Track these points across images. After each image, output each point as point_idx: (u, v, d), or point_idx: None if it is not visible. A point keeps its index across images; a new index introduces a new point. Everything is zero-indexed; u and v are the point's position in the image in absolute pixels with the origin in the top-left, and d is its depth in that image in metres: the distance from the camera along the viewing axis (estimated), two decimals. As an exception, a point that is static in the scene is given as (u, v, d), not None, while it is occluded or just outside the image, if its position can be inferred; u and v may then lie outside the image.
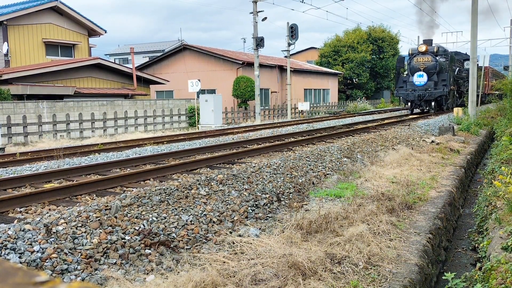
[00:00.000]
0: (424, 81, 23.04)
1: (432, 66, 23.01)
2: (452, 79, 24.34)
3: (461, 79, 27.30)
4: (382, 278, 3.56)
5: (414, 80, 23.28)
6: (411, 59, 23.74)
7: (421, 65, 23.25)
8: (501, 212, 5.68)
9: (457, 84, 26.35)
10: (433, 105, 23.25)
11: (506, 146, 11.72)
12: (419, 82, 23.16)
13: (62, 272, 3.36)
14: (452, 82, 24.18)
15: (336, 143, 10.73)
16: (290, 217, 4.98)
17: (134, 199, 4.81)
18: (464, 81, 27.63)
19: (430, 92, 22.71)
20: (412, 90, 23.12)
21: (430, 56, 23.11)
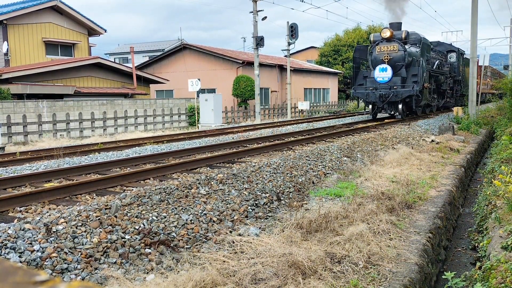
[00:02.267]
0: (388, 77, 17.61)
1: (399, 57, 17.60)
2: (428, 75, 18.77)
3: (442, 75, 21.55)
4: (382, 277, 3.56)
5: (376, 75, 17.77)
6: (373, 48, 18.32)
7: (385, 56, 17.76)
8: (501, 211, 5.68)
9: (436, 81, 20.82)
10: (400, 108, 17.59)
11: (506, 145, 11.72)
12: (382, 78, 17.75)
13: (62, 271, 3.36)
14: (427, 78, 18.68)
15: (336, 142, 10.73)
16: (290, 217, 4.98)
17: (134, 198, 4.81)
18: (447, 77, 22.74)
19: (395, 91, 17.26)
20: (373, 88, 17.82)
21: (397, 44, 17.70)
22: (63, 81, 22.17)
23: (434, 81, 20.50)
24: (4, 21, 22.72)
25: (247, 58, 29.69)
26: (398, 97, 17.36)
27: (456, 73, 24.72)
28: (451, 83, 23.82)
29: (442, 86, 22.15)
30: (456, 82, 25.16)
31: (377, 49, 18.16)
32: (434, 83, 20.49)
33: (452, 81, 24.04)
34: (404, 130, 14.40)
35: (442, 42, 25.60)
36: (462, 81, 26.07)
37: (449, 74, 23.33)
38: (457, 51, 25.25)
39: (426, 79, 18.55)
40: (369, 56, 18.53)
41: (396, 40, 17.90)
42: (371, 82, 18.11)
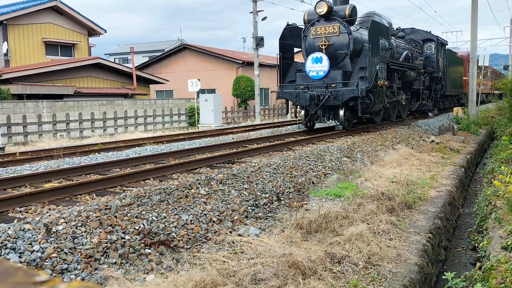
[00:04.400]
0: (323, 70, 12.62)
1: (341, 43, 12.73)
2: (385, 69, 13.93)
3: (412, 69, 16.67)
4: (382, 277, 3.56)
5: (307, 67, 12.96)
6: (307, 30, 13.32)
7: (322, 41, 12.78)
8: (501, 211, 5.68)
9: (403, 77, 15.98)
10: (341, 115, 12.63)
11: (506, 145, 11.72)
12: (316, 73, 12.80)
13: (62, 271, 3.36)
14: (384, 73, 13.81)
15: (336, 142, 10.73)
16: (290, 217, 4.98)
17: (134, 198, 4.81)
18: (420, 73, 17.78)
19: (334, 90, 12.37)
20: (304, 87, 12.91)
21: (338, 24, 12.73)
22: (63, 81, 22.17)
23: (400, 77, 15.79)
24: (4, 21, 22.72)
25: (247, 58, 29.69)
26: (338, 99, 12.25)
27: (435, 68, 19.65)
28: (427, 81, 18.78)
29: (414, 84, 17.41)
30: (435, 80, 20.19)
31: (312, 32, 13.09)
32: (398, 80, 15.63)
33: (428, 78, 18.96)
34: (404, 130, 14.40)
35: (417, 29, 20.40)
36: (443, 78, 21.23)
37: (423, 69, 18.32)
38: (436, 40, 19.82)
39: (383, 74, 13.66)
40: (303, 41, 13.51)
41: (337, 18, 12.82)
42: (302, 78, 13.27)
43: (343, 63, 12.96)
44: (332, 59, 12.82)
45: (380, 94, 13.54)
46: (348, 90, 12.34)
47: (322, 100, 12.35)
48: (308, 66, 13.01)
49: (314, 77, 12.93)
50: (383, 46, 14.05)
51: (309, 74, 12.99)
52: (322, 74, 12.79)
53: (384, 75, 13.88)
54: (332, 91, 12.40)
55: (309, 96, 12.40)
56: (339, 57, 12.95)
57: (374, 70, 12.82)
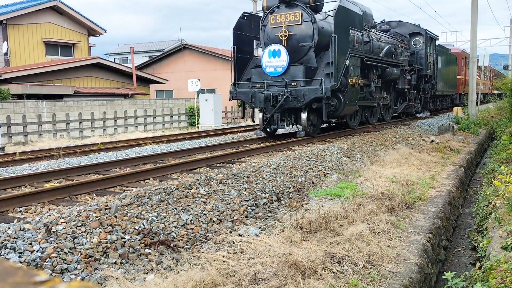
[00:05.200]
0: (282, 66, 10.95)
1: (305, 34, 11.02)
2: (358, 65, 11.97)
3: (395, 66, 14.78)
4: (382, 277, 3.56)
5: (264, 62, 11.25)
6: (265, 18, 11.61)
7: (282, 32, 11.05)
8: (501, 211, 5.69)
9: (383, 75, 14.06)
10: (304, 119, 10.86)
11: (506, 145, 11.73)
12: (273, 69, 11.10)
13: (62, 271, 3.36)
14: (357, 70, 11.85)
15: (336, 142, 10.73)
16: (290, 217, 4.98)
17: (134, 198, 4.81)
18: (405, 71, 15.90)
19: (294, 90, 10.65)
20: (260, 85, 11.18)
21: (301, 10, 11.00)
22: (63, 81, 22.17)
23: (380, 75, 13.91)
24: (4, 21, 22.72)
25: (247, 58, 29.66)
26: (299, 100, 10.48)
27: (423, 65, 17.84)
28: (413, 80, 16.92)
29: (398, 83, 15.53)
30: (423, 79, 18.35)
31: (271, 20, 11.25)
32: (377, 78, 13.72)
33: (415, 76, 17.10)
34: (404, 130, 14.41)
35: (404, 22, 18.46)
36: (433, 77, 19.30)
37: (409, 66, 16.39)
38: (425, 34, 17.88)
39: (356, 71, 11.72)
40: (261, 32, 11.66)
41: (300, 4, 11.01)
42: (258, 75, 11.42)
43: (307, 57, 11.09)
44: (293, 53, 11.01)
45: (352, 94, 11.55)
46: (311, 89, 10.49)
47: (280, 101, 10.52)
48: (265, 61, 11.16)
49: (271, 74, 11.15)
50: (356, 38, 11.93)
51: (266, 71, 11.17)
52: (281, 70, 10.95)
53: (357, 72, 11.81)
54: (292, 91, 10.58)
55: (264, 97, 10.59)
56: (302, 50, 11.06)
57: (342, 66, 10.89)
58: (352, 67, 11.52)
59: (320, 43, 11.06)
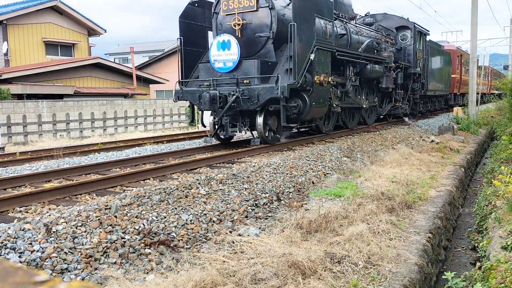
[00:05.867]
0: (233, 60, 9.47)
1: (260, 23, 9.55)
2: (329, 60, 10.49)
3: (377, 63, 13.36)
4: (382, 277, 3.56)
5: (212, 56, 9.76)
6: (217, 5, 10.16)
7: (234, 20, 9.59)
8: (501, 211, 5.69)
9: (363, 73, 12.70)
10: (259, 123, 9.25)
11: (506, 145, 11.73)
12: (223, 63, 9.63)
13: (62, 271, 3.36)
14: (328, 67, 10.44)
15: (336, 142, 10.73)
16: (290, 217, 4.98)
17: (134, 198, 4.81)
18: (389, 68, 14.43)
19: (247, 89, 9.17)
20: (208, 84, 9.70)
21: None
22: (63, 81, 22.17)
23: (357, 73, 12.47)
24: (4, 21, 22.72)
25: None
26: (252, 101, 8.91)
27: (411, 62, 16.32)
28: (400, 78, 15.39)
29: (382, 82, 14.19)
30: (412, 77, 16.78)
31: (223, 7, 9.77)
32: (354, 76, 12.26)
33: (401, 74, 15.56)
34: (404, 130, 14.41)
35: (390, 15, 17.00)
36: (423, 75, 17.72)
37: (394, 63, 14.87)
38: (413, 28, 16.39)
39: (325, 67, 10.19)
40: (213, 21, 10.14)
41: None
42: (207, 71, 9.88)
43: (265, 50, 9.52)
44: (249, 45, 9.49)
45: (320, 94, 10.07)
46: (266, 88, 8.84)
47: (229, 103, 8.89)
48: (213, 54, 9.54)
49: (221, 70, 9.56)
50: (326, 29, 10.41)
51: (214, 66, 9.60)
52: (231, 65, 9.35)
53: (327, 68, 10.33)
54: (244, 90, 8.97)
55: (210, 97, 8.97)
56: (258, 42, 9.49)
57: (305, 61, 9.35)
58: (319, 63, 9.97)
59: (280, 33, 9.27)
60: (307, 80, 9.60)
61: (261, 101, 8.98)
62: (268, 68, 9.46)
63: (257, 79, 9.28)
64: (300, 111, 9.72)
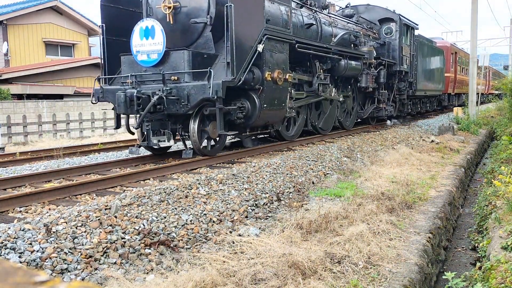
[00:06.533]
0: (157, 51, 7.70)
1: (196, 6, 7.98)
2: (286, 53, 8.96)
3: (357, 59, 12.08)
4: (382, 277, 3.56)
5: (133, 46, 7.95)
6: None
7: (164, 2, 7.95)
8: (501, 211, 5.69)
9: (336, 70, 11.29)
10: (193, 130, 7.56)
11: (506, 145, 11.73)
12: (146, 55, 7.85)
13: (62, 271, 3.36)
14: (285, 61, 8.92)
15: (336, 142, 10.73)
16: (290, 217, 4.98)
17: (134, 198, 4.81)
18: (369, 65, 12.97)
19: (176, 87, 7.41)
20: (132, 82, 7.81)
21: None
22: (63, 81, 22.18)
23: (329, 69, 11.05)
24: (4, 21, 22.72)
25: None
26: (182, 103, 7.32)
27: (396, 59, 14.84)
28: (382, 77, 13.87)
29: (360, 81, 12.75)
30: (397, 76, 15.24)
31: None
32: (325, 72, 10.83)
33: (385, 72, 14.03)
34: (404, 130, 14.41)
35: (373, 6, 15.44)
36: (411, 74, 16.18)
37: (375, 59, 13.31)
38: (398, 20, 14.93)
39: (279, 61, 8.60)
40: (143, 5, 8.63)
41: None
42: (129, 64, 8.19)
43: (202, 39, 7.90)
44: (184, 34, 7.95)
45: (275, 94, 8.46)
46: (197, 86, 7.21)
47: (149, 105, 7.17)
48: (135, 44, 7.85)
49: (145, 64, 7.83)
50: (285, 16, 8.87)
51: (137, 58, 7.89)
52: (156, 58, 7.67)
53: (284, 63, 8.76)
54: (172, 89, 7.34)
55: (124, 98, 7.33)
56: (194, 30, 7.90)
57: (251, 52, 7.73)
58: (272, 56, 8.36)
59: (222, 19, 7.56)
60: (255, 76, 8.01)
61: (192, 103, 7.25)
62: (204, 61, 7.67)
63: (188, 75, 7.50)
64: (248, 114, 8.12)
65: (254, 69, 8.03)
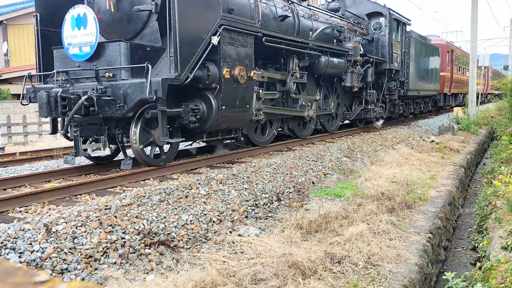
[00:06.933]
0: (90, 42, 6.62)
1: None
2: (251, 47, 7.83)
3: (340, 56, 11.22)
4: (382, 277, 3.56)
5: (65, 38, 6.85)
6: None
7: None
8: (501, 211, 5.69)
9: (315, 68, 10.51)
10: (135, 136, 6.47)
11: (506, 145, 11.73)
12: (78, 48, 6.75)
13: (62, 271, 3.36)
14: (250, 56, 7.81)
15: (336, 142, 10.74)
16: (290, 217, 4.98)
17: (134, 198, 4.81)
18: (357, 63, 12.03)
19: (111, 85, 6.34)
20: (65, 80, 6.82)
21: None
22: (63, 81, 22.16)
23: (307, 67, 10.14)
24: (4, 21, 22.72)
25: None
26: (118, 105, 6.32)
27: (386, 56, 13.81)
28: (370, 75, 12.90)
29: (345, 80, 11.77)
30: (387, 74, 14.19)
31: None
32: (301, 70, 9.90)
33: (372, 71, 12.98)
34: (404, 130, 14.42)
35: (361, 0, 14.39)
36: (403, 73, 15.17)
37: (361, 56, 12.23)
38: (388, 15, 13.87)
39: (241, 57, 7.60)
40: None
41: None
42: (62, 59, 7.22)
43: (148, 30, 6.91)
44: (127, 23, 6.99)
45: (236, 94, 7.46)
46: (135, 85, 6.19)
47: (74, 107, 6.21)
48: (66, 34, 6.88)
49: (77, 58, 6.85)
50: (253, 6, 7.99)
51: (68, 52, 6.90)
52: (88, 50, 6.69)
53: (248, 58, 7.72)
54: (107, 87, 6.33)
55: (46, 99, 6.50)
56: (138, 19, 6.92)
57: (202, 44, 6.69)
58: (231, 49, 7.32)
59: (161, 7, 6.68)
60: (210, 73, 6.98)
61: (129, 104, 6.20)
62: (148, 55, 6.65)
63: (126, 72, 6.49)
64: (204, 117, 7.13)
65: (210, 65, 7.01)
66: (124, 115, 6.37)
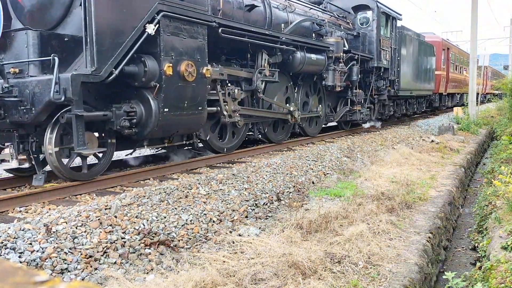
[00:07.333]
0: None
1: None
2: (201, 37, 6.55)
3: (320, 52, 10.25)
4: (382, 277, 3.57)
5: None
6: None
7: None
8: (501, 211, 5.69)
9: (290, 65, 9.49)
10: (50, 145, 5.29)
11: (506, 145, 11.74)
12: None
13: (62, 271, 3.36)
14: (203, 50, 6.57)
15: (336, 142, 10.74)
16: (290, 217, 4.98)
17: (134, 198, 4.81)
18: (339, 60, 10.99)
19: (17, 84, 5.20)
20: None
21: None
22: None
23: (279, 64, 9.09)
24: (4, 21, 22.69)
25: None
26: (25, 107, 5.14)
27: (373, 53, 12.88)
28: (355, 74, 11.96)
29: (326, 79, 10.81)
30: (375, 73, 13.22)
31: None
32: (273, 67, 8.89)
33: (357, 69, 12.04)
34: (404, 130, 14.42)
35: None
36: (393, 71, 14.10)
37: (344, 53, 11.28)
38: (376, 8, 12.88)
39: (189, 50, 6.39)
40: None
41: None
42: None
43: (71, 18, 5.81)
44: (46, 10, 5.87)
45: (183, 93, 6.38)
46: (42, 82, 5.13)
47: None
48: None
49: None
50: None
51: None
52: None
53: (199, 52, 6.60)
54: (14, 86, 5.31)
55: None
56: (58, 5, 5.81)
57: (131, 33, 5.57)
58: (175, 41, 6.19)
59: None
60: (148, 69, 5.88)
61: (37, 107, 5.16)
62: (67, 47, 5.65)
63: (35, 67, 5.49)
64: (142, 122, 6.06)
65: (147, 59, 5.88)
66: (34, 120, 5.24)
